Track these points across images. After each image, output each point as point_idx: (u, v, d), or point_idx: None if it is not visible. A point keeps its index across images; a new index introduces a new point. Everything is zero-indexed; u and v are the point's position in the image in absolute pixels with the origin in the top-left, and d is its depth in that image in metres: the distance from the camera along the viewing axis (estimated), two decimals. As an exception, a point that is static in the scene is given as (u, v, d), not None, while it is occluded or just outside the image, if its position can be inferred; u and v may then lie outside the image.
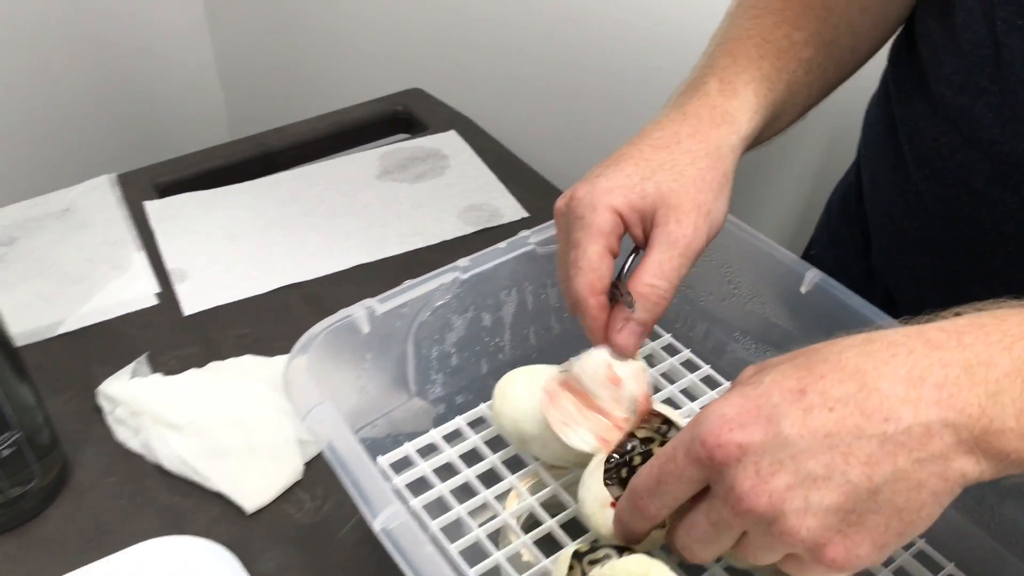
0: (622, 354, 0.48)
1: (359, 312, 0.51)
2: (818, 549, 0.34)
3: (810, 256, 0.76)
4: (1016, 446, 0.33)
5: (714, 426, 0.34)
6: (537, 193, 0.87)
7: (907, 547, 0.50)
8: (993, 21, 0.50)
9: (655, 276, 0.47)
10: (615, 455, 0.46)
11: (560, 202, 0.50)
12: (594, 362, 0.48)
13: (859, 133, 0.70)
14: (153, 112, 1.37)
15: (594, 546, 0.45)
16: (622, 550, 0.44)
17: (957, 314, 0.36)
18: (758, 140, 0.54)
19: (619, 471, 0.47)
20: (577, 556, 0.44)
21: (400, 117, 1.00)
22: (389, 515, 0.41)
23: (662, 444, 0.47)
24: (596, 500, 0.45)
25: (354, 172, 0.89)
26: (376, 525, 0.41)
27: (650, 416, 0.48)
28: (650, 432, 0.47)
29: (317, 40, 1.32)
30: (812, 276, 0.54)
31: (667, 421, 0.48)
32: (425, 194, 0.86)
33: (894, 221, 0.63)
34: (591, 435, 0.47)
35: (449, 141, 0.94)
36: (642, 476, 0.39)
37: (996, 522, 0.48)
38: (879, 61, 0.65)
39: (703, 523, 0.36)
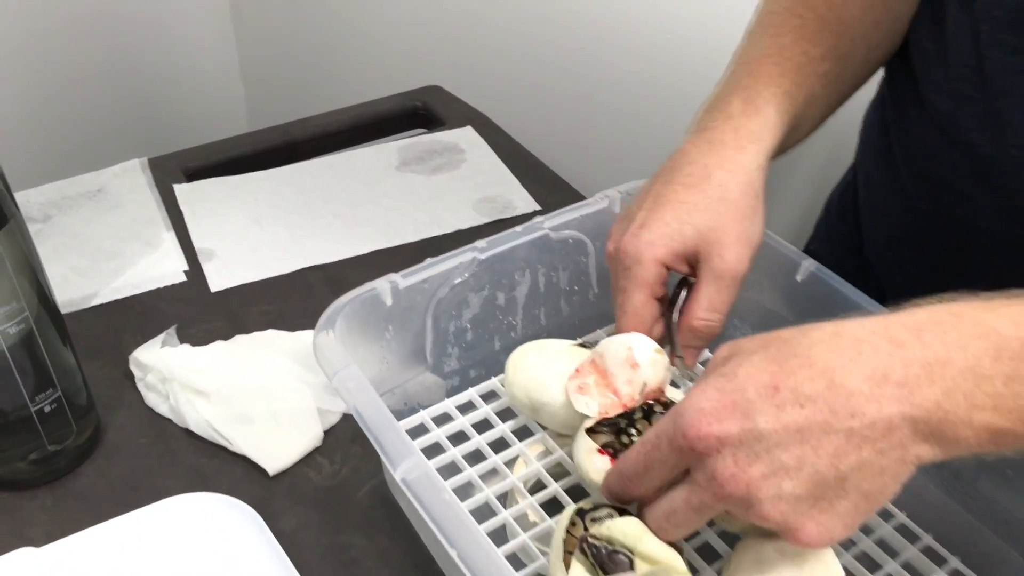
0: (685, 370, 0.54)
1: (383, 285, 0.55)
2: (792, 531, 0.38)
3: (808, 250, 0.79)
4: (966, 434, 0.37)
5: (694, 419, 0.38)
6: (549, 188, 0.91)
7: (887, 519, 0.53)
8: (977, 34, 0.54)
9: (707, 310, 0.52)
10: (602, 426, 0.50)
11: (609, 246, 0.54)
12: (617, 343, 0.51)
13: (858, 137, 0.74)
14: (177, 103, 1.42)
15: (596, 505, 0.48)
16: (622, 512, 0.48)
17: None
18: (780, 151, 0.57)
19: (615, 423, 0.50)
20: (580, 513, 0.47)
21: (419, 112, 1.04)
22: (409, 466, 0.45)
23: (644, 416, 0.51)
24: (582, 449, 0.49)
25: (374, 163, 0.93)
26: (397, 475, 0.44)
27: (655, 399, 0.51)
28: (641, 410, 0.51)
29: (337, 37, 1.36)
30: (807, 265, 0.57)
31: (668, 404, 0.51)
32: (442, 186, 0.90)
33: (885, 217, 0.67)
34: (597, 405, 0.50)
35: (465, 136, 0.98)
36: (629, 460, 0.43)
37: (972, 497, 0.52)
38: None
39: (683, 508, 0.40)
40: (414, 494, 0.44)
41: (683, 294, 0.54)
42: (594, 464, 0.48)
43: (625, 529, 0.45)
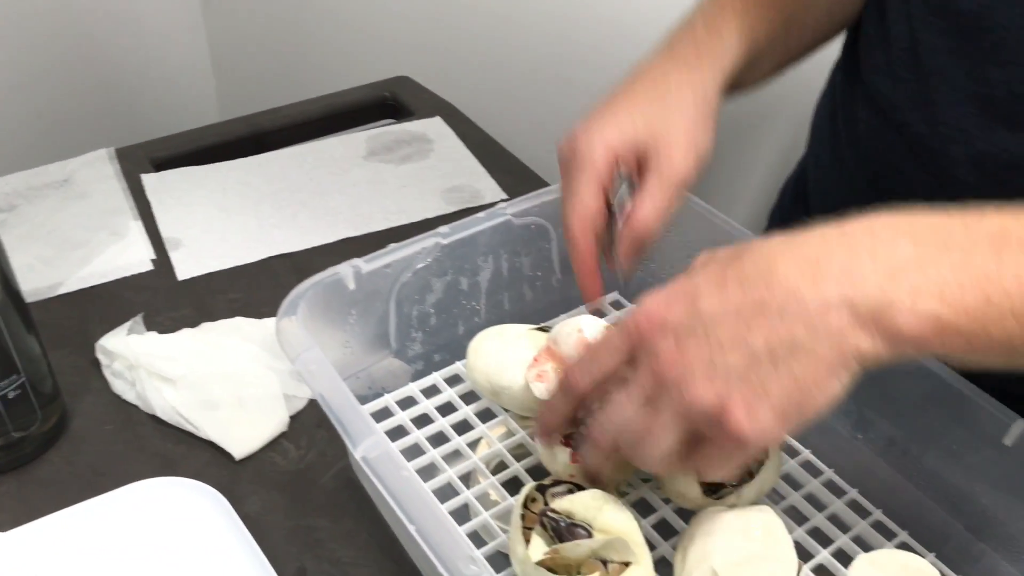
0: (624, 275, 0.55)
1: (346, 270, 0.56)
2: (722, 412, 0.37)
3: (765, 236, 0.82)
4: (909, 323, 0.36)
5: (645, 307, 0.40)
6: (517, 177, 0.92)
7: (839, 495, 0.55)
8: (911, 18, 0.56)
9: (648, 211, 0.53)
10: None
11: (561, 144, 0.55)
12: (568, 327, 0.53)
13: (810, 124, 0.76)
14: (148, 94, 1.41)
15: (557, 481, 0.49)
16: (581, 489, 0.49)
17: None
18: (737, 85, 0.59)
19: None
20: (540, 489, 0.49)
21: (387, 103, 1.04)
22: (370, 444, 0.45)
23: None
24: (556, 461, 0.50)
25: (342, 153, 0.94)
26: (358, 453, 0.45)
27: None
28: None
29: (308, 28, 1.36)
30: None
31: None
32: (410, 175, 0.91)
33: (831, 200, 0.69)
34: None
35: (434, 126, 0.98)
36: (577, 354, 0.45)
37: (919, 471, 0.54)
38: (832, 54, 0.71)
39: (625, 402, 0.40)
40: (374, 472, 0.45)
41: (628, 203, 0.55)
42: (555, 457, 0.49)
43: (586, 501, 0.47)
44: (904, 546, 0.53)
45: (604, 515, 0.46)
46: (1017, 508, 0.49)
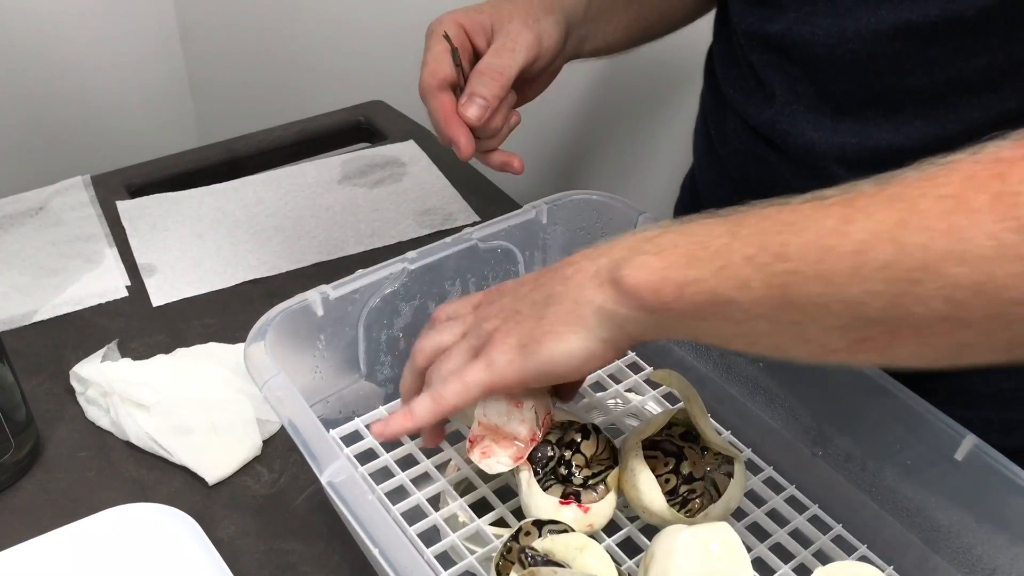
0: (473, 123, 0.60)
1: (314, 296, 0.57)
2: (490, 335, 0.48)
3: None
4: (630, 273, 0.42)
5: (469, 298, 0.54)
6: (489, 200, 0.93)
7: (801, 511, 0.56)
8: (740, 41, 0.64)
9: (490, 59, 0.60)
10: (537, 468, 0.52)
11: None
12: (493, 396, 0.54)
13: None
14: (126, 120, 1.42)
15: (539, 521, 0.50)
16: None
17: None
18: (578, 42, 0.66)
19: (555, 471, 0.53)
20: (516, 536, 0.49)
21: (362, 127, 1.05)
22: (335, 469, 0.46)
23: (582, 431, 0.53)
24: (543, 508, 0.51)
25: (316, 177, 0.95)
26: (323, 478, 0.46)
27: (554, 423, 0.54)
28: (558, 433, 0.53)
29: (285, 53, 1.37)
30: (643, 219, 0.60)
31: (570, 421, 0.54)
32: (383, 199, 0.92)
33: (712, 192, 0.72)
34: (508, 458, 0.52)
35: (407, 150, 1.00)
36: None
37: (877, 487, 0.55)
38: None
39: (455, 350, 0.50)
40: (339, 496, 0.46)
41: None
42: (566, 516, 0.50)
43: (567, 542, 0.48)
44: (863, 560, 0.54)
45: (584, 557, 0.47)
46: (969, 521, 0.50)
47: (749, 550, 0.53)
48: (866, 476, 0.55)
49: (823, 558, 0.54)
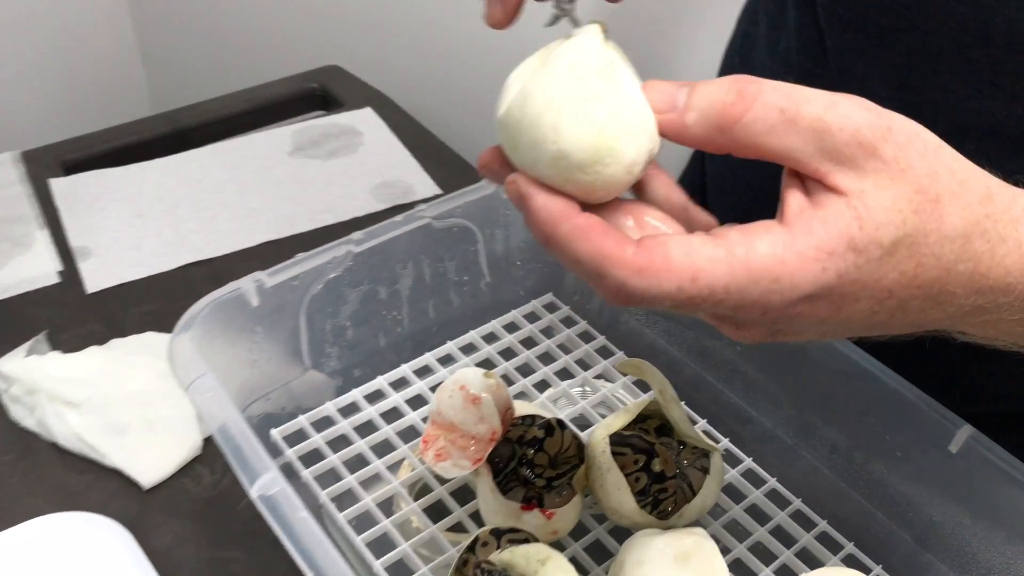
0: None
1: (248, 285, 0.51)
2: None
3: None
4: None
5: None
6: (452, 170, 0.88)
7: (783, 507, 0.52)
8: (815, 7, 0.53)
9: None
10: (498, 471, 0.48)
11: None
12: (448, 389, 0.49)
13: None
14: (66, 90, 1.34)
15: (498, 531, 0.45)
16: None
17: None
18: None
19: (516, 473, 0.48)
20: (472, 547, 0.45)
21: (316, 94, 0.99)
22: (266, 482, 0.42)
23: (546, 428, 0.49)
24: (503, 515, 0.46)
25: (266, 149, 0.89)
26: (253, 492, 0.41)
27: (515, 419, 0.50)
28: (519, 430, 0.49)
29: (235, 16, 1.30)
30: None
31: (532, 416, 0.50)
32: (338, 171, 0.86)
33: (728, 195, 0.65)
34: (466, 460, 0.48)
35: (364, 118, 0.94)
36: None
37: (864, 480, 0.51)
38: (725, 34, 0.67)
39: None
40: (271, 512, 0.41)
41: None
42: (528, 522, 0.46)
43: (528, 553, 0.43)
44: (850, 558, 0.50)
45: (547, 570, 0.42)
46: (964, 518, 0.47)
47: (728, 551, 0.49)
48: (852, 468, 0.51)
49: (807, 558, 0.50)
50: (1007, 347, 0.33)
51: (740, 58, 0.64)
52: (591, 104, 0.30)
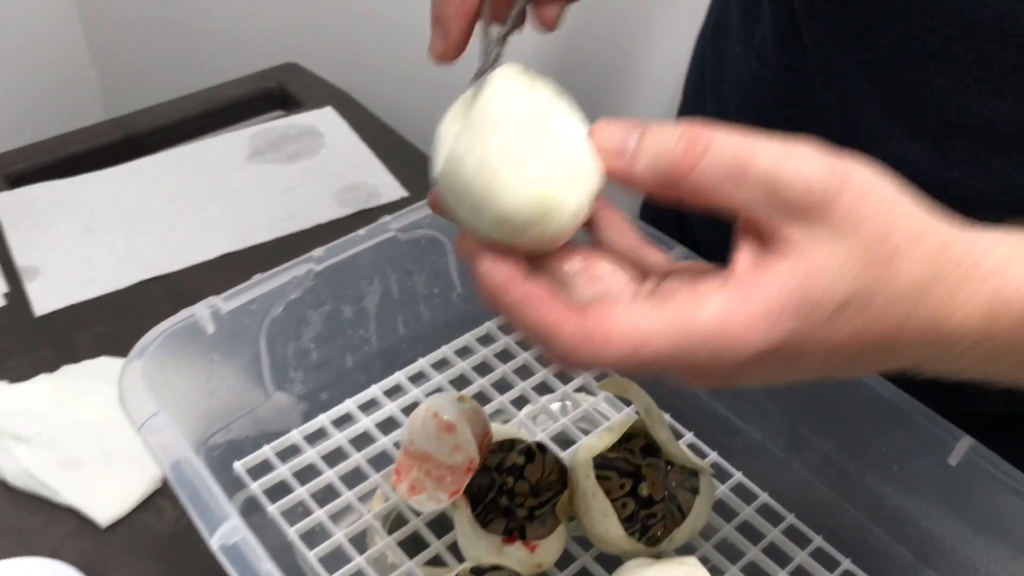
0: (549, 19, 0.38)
1: (202, 311, 0.48)
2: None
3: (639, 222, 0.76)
4: None
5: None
6: (418, 171, 0.85)
7: (776, 523, 0.50)
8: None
9: None
10: (477, 502, 0.45)
11: None
12: (420, 416, 0.46)
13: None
14: (12, 96, 1.29)
15: (494, 567, 0.43)
16: None
17: None
18: None
19: (496, 503, 0.45)
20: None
21: (274, 94, 0.95)
22: (227, 530, 0.39)
23: (526, 453, 0.46)
24: (483, 550, 0.44)
25: (223, 154, 0.85)
26: (214, 543, 0.38)
27: (493, 444, 0.47)
28: (498, 457, 0.46)
29: (187, 12, 1.25)
30: (678, 253, 0.53)
31: (511, 440, 0.47)
32: (298, 175, 0.83)
33: None
34: (442, 493, 0.45)
35: (325, 118, 0.90)
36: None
37: (860, 494, 0.49)
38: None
39: None
40: (233, 565, 0.38)
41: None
42: (511, 556, 0.43)
43: None
44: (847, 574, 0.48)
45: None
46: (966, 532, 0.45)
47: (721, 574, 0.47)
48: (847, 481, 0.49)
49: (803, 576, 0.48)
50: (974, 380, 0.31)
51: (712, 49, 0.61)
52: (524, 162, 0.28)
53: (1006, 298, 0.27)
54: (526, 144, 0.28)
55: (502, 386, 0.56)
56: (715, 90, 0.59)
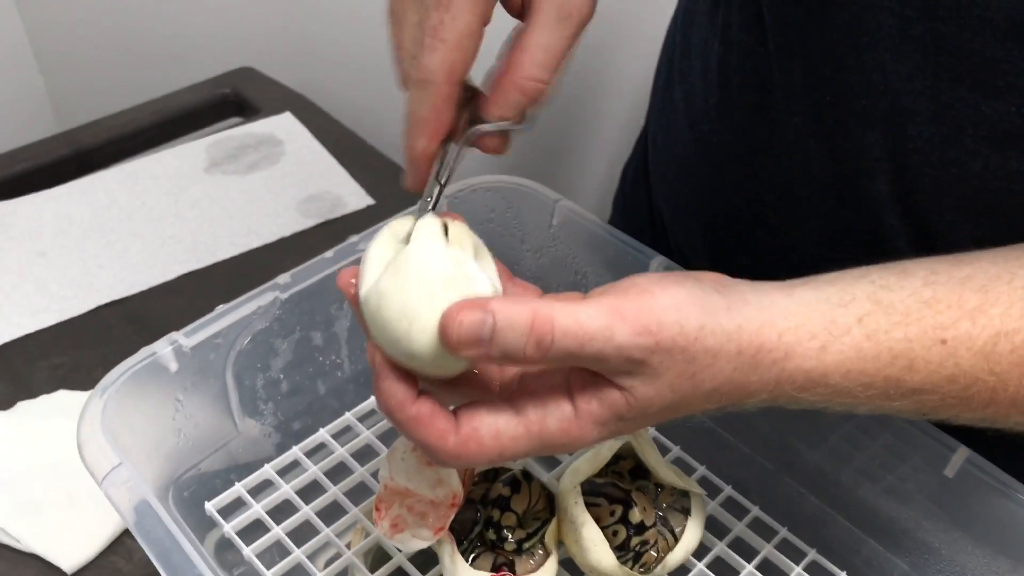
0: (495, 146, 0.40)
1: (164, 349, 0.45)
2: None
3: (611, 222, 0.74)
4: None
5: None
6: (384, 177, 0.82)
7: (769, 538, 0.48)
8: None
9: (541, 66, 0.37)
10: (462, 538, 0.44)
11: None
12: (400, 451, 0.44)
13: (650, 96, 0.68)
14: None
15: None
16: None
17: None
18: None
19: (483, 536, 0.44)
20: None
21: (229, 100, 0.92)
22: (200, 591, 0.36)
23: (511, 484, 0.45)
24: None
25: (179, 167, 0.82)
26: (186, 605, 0.36)
27: (476, 475, 0.46)
28: (482, 488, 0.45)
29: (136, 17, 1.21)
30: (657, 263, 0.51)
31: (495, 469, 0.46)
32: (259, 186, 0.80)
33: (669, 184, 0.61)
34: (426, 530, 0.43)
35: (284, 124, 0.87)
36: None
37: (854, 506, 0.48)
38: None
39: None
40: (209, 628, 0.36)
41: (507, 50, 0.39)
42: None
43: None
44: (844, 588, 0.47)
45: None
46: (964, 544, 0.44)
47: (716, 595, 0.46)
48: (841, 494, 0.48)
49: (798, 592, 0.46)
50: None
51: (681, 36, 0.59)
52: (439, 314, 0.33)
53: (788, 375, 0.34)
54: (442, 299, 0.33)
55: (481, 406, 0.54)
56: (682, 78, 0.58)
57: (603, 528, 0.43)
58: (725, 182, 0.54)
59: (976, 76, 0.40)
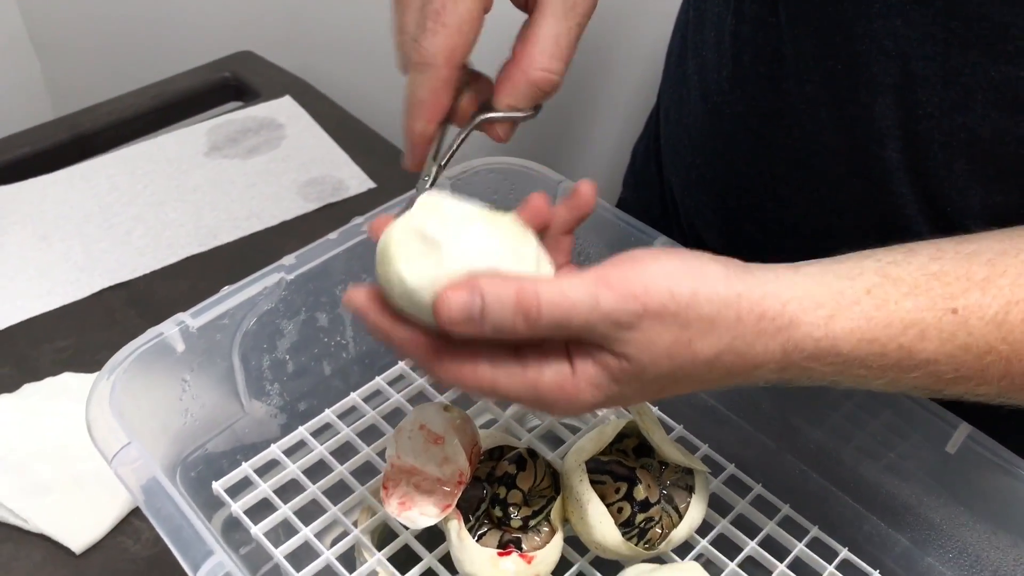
0: (503, 134, 0.41)
1: (171, 329, 0.46)
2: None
3: (620, 200, 0.74)
4: None
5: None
6: (385, 160, 0.82)
7: (771, 515, 0.49)
8: None
9: (552, 56, 0.38)
10: (469, 515, 0.44)
11: None
12: (407, 429, 0.45)
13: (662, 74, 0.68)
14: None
15: None
16: None
17: None
18: None
19: (489, 514, 0.44)
20: None
21: (229, 84, 0.92)
22: (211, 568, 0.37)
23: (517, 461, 0.45)
24: (478, 565, 0.42)
25: (179, 151, 0.82)
26: (198, 580, 0.37)
27: (483, 453, 0.46)
28: (488, 466, 0.45)
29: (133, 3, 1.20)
30: (660, 243, 0.51)
31: (500, 447, 0.46)
32: (260, 170, 0.80)
33: (681, 157, 0.61)
34: (432, 508, 0.43)
35: (284, 108, 0.87)
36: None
37: (856, 482, 0.48)
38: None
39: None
40: (221, 603, 0.36)
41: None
42: (507, 568, 0.42)
43: None
44: (845, 564, 0.47)
45: None
46: (965, 519, 0.44)
47: (719, 571, 0.46)
48: (842, 471, 0.48)
49: (801, 567, 0.47)
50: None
51: (695, 11, 0.60)
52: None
53: (795, 344, 0.34)
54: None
55: (485, 386, 0.55)
56: (696, 51, 0.58)
57: (608, 505, 0.44)
58: (737, 153, 0.55)
59: (986, 41, 0.40)
